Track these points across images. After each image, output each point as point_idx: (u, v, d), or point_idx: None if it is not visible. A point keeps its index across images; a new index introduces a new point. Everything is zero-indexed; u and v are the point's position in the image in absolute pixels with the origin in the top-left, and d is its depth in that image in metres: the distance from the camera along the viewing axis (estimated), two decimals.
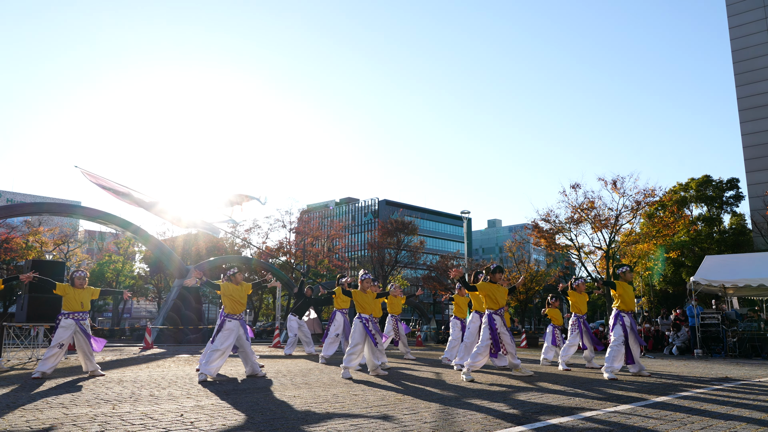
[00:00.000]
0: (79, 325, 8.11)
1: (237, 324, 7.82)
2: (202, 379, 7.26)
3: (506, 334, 8.06)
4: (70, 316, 8.10)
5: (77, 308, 8.15)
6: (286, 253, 40.44)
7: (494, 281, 8.24)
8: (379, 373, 8.31)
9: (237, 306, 7.89)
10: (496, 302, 8.11)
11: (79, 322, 8.12)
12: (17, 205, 21.69)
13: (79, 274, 8.31)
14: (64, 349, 8.07)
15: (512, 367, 8.40)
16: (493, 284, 8.21)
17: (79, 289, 8.23)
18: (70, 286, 8.22)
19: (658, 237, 27.12)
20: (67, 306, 8.15)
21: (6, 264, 33.63)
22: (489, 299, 8.13)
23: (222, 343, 7.58)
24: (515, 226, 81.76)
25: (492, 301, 8.11)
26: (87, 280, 8.46)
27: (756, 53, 38.57)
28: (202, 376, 7.32)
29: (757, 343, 14.50)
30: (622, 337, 8.62)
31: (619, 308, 8.88)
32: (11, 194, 77.02)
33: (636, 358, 8.75)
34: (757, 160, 37.17)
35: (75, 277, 8.28)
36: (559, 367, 9.98)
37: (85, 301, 8.26)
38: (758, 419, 4.89)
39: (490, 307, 8.12)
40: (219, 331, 7.71)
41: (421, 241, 47.01)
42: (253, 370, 7.96)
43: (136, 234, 21.87)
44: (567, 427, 4.43)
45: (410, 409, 5.24)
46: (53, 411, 4.92)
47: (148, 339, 15.58)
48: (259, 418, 4.68)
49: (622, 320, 8.76)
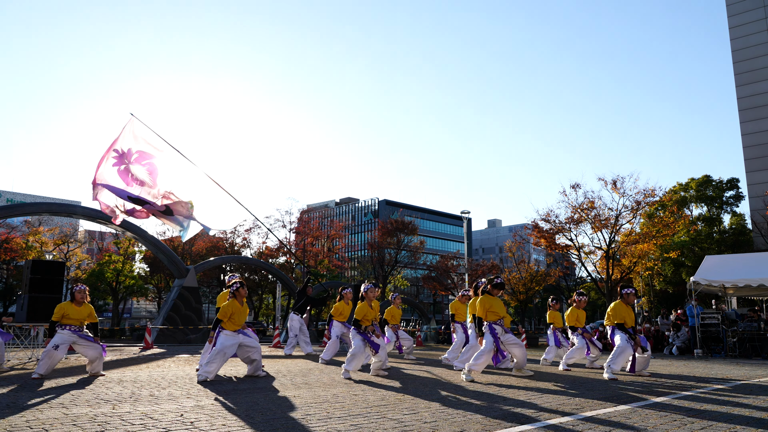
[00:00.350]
0: (78, 335, 7.87)
1: (234, 334, 7.72)
2: (201, 380, 7.25)
3: (509, 335, 8.20)
4: (67, 327, 7.84)
5: (76, 324, 7.89)
6: (286, 253, 40.43)
7: (493, 295, 8.33)
8: (379, 373, 8.31)
9: (237, 325, 7.69)
10: (496, 314, 8.22)
11: (77, 332, 7.87)
12: (17, 205, 21.71)
13: (79, 288, 8.04)
14: (62, 351, 7.86)
15: (517, 366, 8.49)
16: (492, 297, 8.31)
17: (77, 307, 7.93)
18: (69, 303, 7.93)
19: (658, 237, 27.12)
20: (65, 321, 7.87)
21: (6, 264, 33.64)
22: (490, 313, 8.22)
23: (223, 344, 7.56)
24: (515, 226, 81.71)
25: (492, 314, 8.21)
26: (88, 296, 8.16)
27: (756, 53, 38.57)
28: (201, 376, 7.31)
29: (757, 343, 14.50)
30: (630, 341, 8.64)
31: (615, 325, 8.94)
32: (11, 194, 77.04)
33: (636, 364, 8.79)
34: (757, 160, 37.18)
35: (75, 291, 8.01)
36: (559, 367, 9.99)
37: (84, 320, 7.96)
38: (758, 419, 4.88)
39: (491, 319, 8.20)
40: (218, 335, 7.65)
41: (421, 241, 47.04)
42: (255, 370, 7.94)
43: (136, 234, 21.88)
44: (567, 427, 4.43)
45: (410, 409, 5.24)
46: (53, 411, 4.91)
47: (148, 339, 15.58)
48: (259, 418, 4.68)
49: (621, 333, 8.81)
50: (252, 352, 7.90)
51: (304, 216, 46.21)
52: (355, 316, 8.26)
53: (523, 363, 8.42)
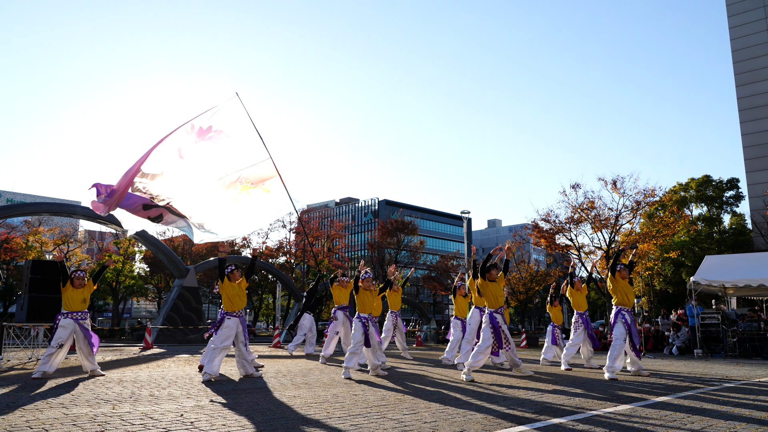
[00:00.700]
0: (78, 323, 8.15)
1: (236, 322, 7.81)
2: (206, 380, 7.25)
3: (506, 331, 8.17)
4: (70, 315, 8.14)
5: (77, 308, 8.19)
6: (286, 253, 40.45)
7: (492, 279, 8.32)
8: (379, 373, 8.31)
9: (236, 302, 7.87)
10: (496, 300, 8.20)
11: (78, 321, 8.16)
12: (17, 205, 21.72)
13: (78, 275, 8.33)
14: (65, 349, 8.08)
15: (512, 365, 8.45)
16: (491, 282, 8.31)
17: (77, 289, 8.26)
18: (69, 286, 8.24)
19: (658, 237, 27.12)
20: (67, 305, 8.19)
21: (6, 264, 33.62)
22: (489, 297, 8.22)
23: (222, 342, 7.58)
24: (515, 226, 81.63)
25: (492, 298, 8.19)
26: (86, 281, 8.44)
27: (756, 53, 38.55)
28: (206, 376, 7.30)
29: (757, 343, 14.50)
30: (624, 335, 8.67)
31: (618, 304, 8.93)
32: (11, 194, 77.00)
33: (633, 358, 8.82)
34: (757, 160, 37.15)
35: (74, 277, 8.29)
36: (561, 366, 9.99)
37: (87, 297, 8.31)
38: (758, 419, 4.88)
39: (491, 305, 8.20)
40: (218, 328, 7.70)
41: (421, 241, 47.03)
42: (246, 372, 7.93)
43: (136, 234, 21.88)
44: (567, 427, 4.43)
45: (410, 409, 5.24)
46: (53, 411, 4.91)
47: (148, 339, 15.58)
48: (259, 418, 4.68)
49: (624, 318, 8.79)
50: (240, 347, 7.93)
51: (304, 216, 46.21)
52: (356, 298, 8.37)
53: (515, 363, 8.39)
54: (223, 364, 8.79)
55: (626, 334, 8.68)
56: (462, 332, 10.69)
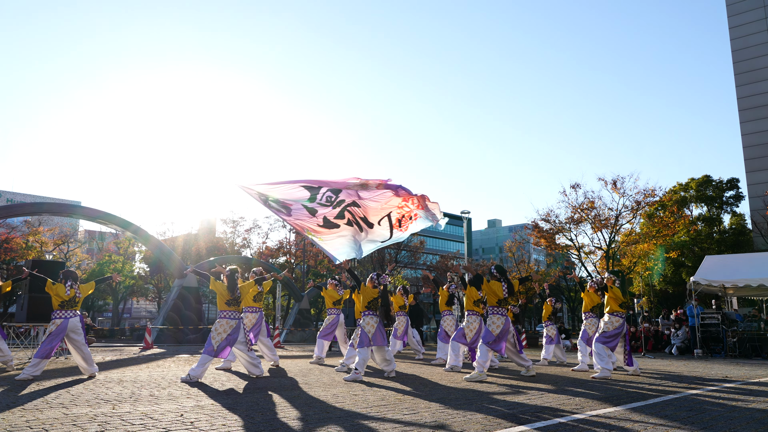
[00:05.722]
0: (69, 323, 7.78)
1: (227, 323, 7.62)
2: (185, 379, 7.18)
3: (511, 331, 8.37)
4: (61, 315, 7.79)
5: (69, 308, 7.83)
6: (286, 253, 40.46)
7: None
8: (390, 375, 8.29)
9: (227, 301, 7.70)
10: (495, 296, 8.30)
11: (68, 319, 7.79)
12: (17, 205, 21.71)
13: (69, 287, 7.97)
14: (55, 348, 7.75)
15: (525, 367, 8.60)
16: (496, 282, 8.42)
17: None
18: (62, 285, 7.91)
19: (658, 237, 27.14)
20: (58, 306, 7.85)
21: (6, 264, 33.62)
22: (490, 295, 8.35)
23: (216, 343, 7.46)
24: (515, 226, 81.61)
25: (492, 295, 8.32)
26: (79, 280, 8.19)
27: (756, 53, 38.55)
28: (188, 377, 7.24)
29: (757, 343, 14.51)
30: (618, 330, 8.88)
31: (610, 312, 9.04)
32: (11, 194, 76.98)
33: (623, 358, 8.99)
34: (757, 160, 37.16)
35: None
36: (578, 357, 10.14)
37: (75, 300, 7.94)
38: (758, 419, 4.89)
39: (491, 302, 8.32)
40: (211, 330, 7.65)
41: (421, 241, 47.02)
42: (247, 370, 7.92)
43: (136, 234, 21.86)
44: (567, 427, 4.43)
45: (410, 409, 5.24)
46: (53, 411, 4.92)
47: (148, 339, 15.58)
48: (259, 418, 4.68)
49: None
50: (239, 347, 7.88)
51: None
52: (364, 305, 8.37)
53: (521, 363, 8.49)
54: (233, 365, 8.83)
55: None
56: (453, 329, 10.90)
